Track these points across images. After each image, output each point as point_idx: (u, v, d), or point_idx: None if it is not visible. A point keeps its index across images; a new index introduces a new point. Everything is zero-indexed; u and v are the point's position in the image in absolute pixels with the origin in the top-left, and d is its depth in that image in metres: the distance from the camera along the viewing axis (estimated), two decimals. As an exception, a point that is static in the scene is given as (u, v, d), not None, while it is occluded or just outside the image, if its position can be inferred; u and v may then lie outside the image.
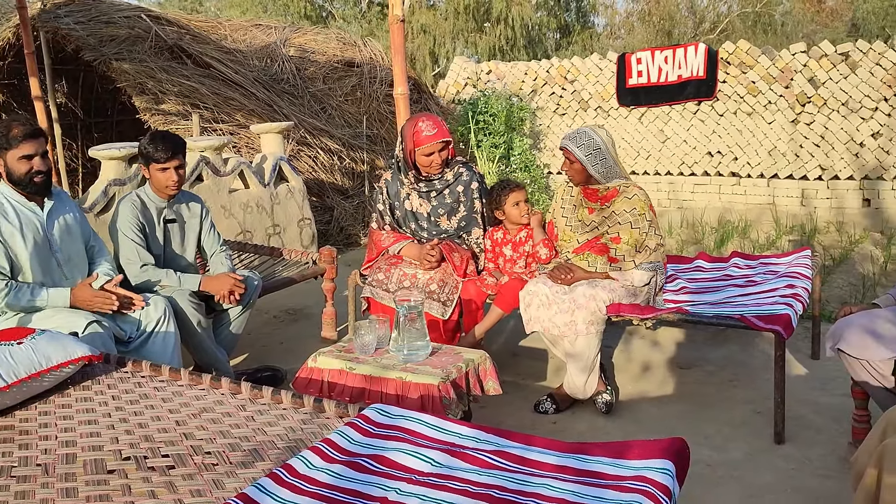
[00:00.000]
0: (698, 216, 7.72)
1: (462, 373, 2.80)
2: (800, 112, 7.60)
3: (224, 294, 3.52)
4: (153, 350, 3.25)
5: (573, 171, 3.41)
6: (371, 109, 8.12)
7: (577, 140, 3.36)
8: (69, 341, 2.58)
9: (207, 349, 3.55)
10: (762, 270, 3.81)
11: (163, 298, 3.32)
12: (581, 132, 3.39)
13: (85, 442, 2.17)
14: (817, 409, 3.34)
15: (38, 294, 3.07)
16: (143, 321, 3.24)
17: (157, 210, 3.56)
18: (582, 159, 3.34)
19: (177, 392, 2.53)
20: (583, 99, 8.86)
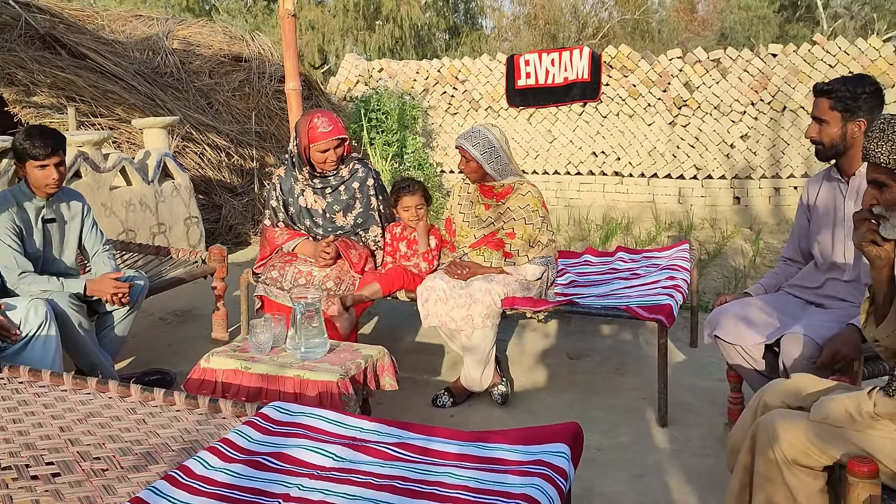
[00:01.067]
0: (584, 214, 8.01)
1: (361, 369, 2.80)
2: (676, 115, 8.02)
3: (109, 297, 3.37)
4: (33, 355, 3.07)
5: (469, 169, 3.48)
6: (260, 105, 7.95)
7: (473, 139, 3.44)
8: (-64, 348, 2.41)
9: (90, 352, 3.38)
10: (645, 264, 4.01)
11: (43, 301, 3.14)
12: (475, 131, 3.47)
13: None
14: (696, 394, 3.54)
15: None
16: (22, 325, 3.06)
17: (34, 210, 3.36)
18: (478, 157, 3.41)
19: (59, 397, 2.41)
20: (473, 99, 9.01)
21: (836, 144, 2.72)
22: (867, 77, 2.72)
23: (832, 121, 2.70)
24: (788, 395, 2.06)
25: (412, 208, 3.68)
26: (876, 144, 1.79)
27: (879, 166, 1.80)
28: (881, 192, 1.82)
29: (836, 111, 2.69)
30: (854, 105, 2.66)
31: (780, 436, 1.87)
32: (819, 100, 2.74)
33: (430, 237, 3.73)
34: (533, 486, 1.70)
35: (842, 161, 2.79)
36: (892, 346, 1.93)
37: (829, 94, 2.70)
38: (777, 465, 1.88)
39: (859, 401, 1.85)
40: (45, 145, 3.21)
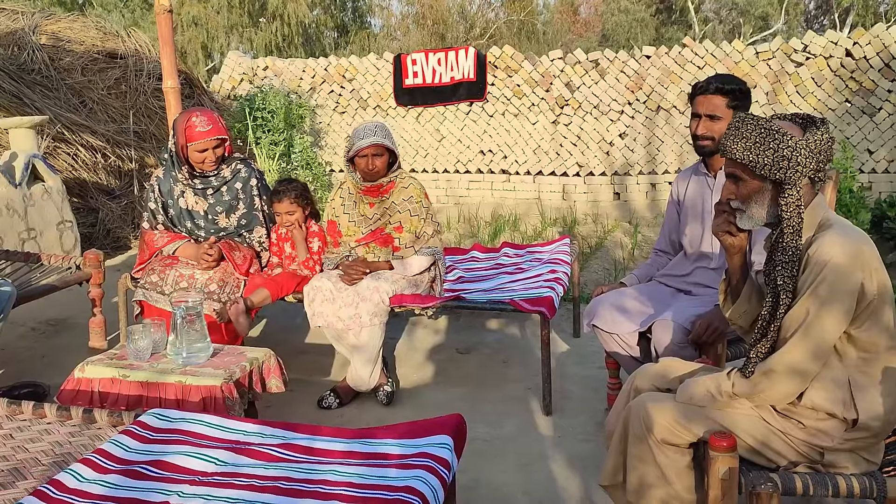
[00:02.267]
0: (474, 211, 8.14)
1: (246, 372, 2.75)
2: (559, 114, 8.28)
3: None
4: None
5: (380, 165, 3.40)
6: (138, 104, 7.63)
7: (380, 133, 3.39)
8: None
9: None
10: (529, 258, 4.13)
11: None
12: (377, 126, 3.42)
13: None
14: (579, 382, 3.69)
15: None
16: None
17: None
18: (392, 147, 3.40)
19: (-85, 416, 2.25)
20: (362, 98, 8.98)
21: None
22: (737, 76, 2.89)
23: (726, 117, 2.81)
24: (657, 378, 2.19)
25: (282, 214, 3.63)
26: (732, 141, 1.92)
27: (735, 161, 1.93)
28: (737, 187, 1.96)
29: (731, 109, 2.82)
30: (743, 103, 2.82)
31: (649, 417, 1.98)
32: (713, 97, 2.82)
33: (314, 241, 3.68)
34: (416, 477, 1.73)
35: (711, 157, 2.96)
36: (745, 325, 2.09)
37: (726, 92, 2.80)
38: (648, 445, 1.99)
39: (719, 381, 1.99)
40: None
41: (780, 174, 1.86)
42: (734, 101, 2.81)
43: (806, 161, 1.84)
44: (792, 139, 1.85)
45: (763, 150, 1.86)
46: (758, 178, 1.91)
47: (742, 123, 1.91)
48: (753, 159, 1.87)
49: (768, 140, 1.86)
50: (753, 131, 1.88)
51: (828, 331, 1.83)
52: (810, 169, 1.86)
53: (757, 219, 1.94)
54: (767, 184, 1.91)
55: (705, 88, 2.85)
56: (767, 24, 24.29)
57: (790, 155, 1.84)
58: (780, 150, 1.84)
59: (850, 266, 1.82)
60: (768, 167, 1.86)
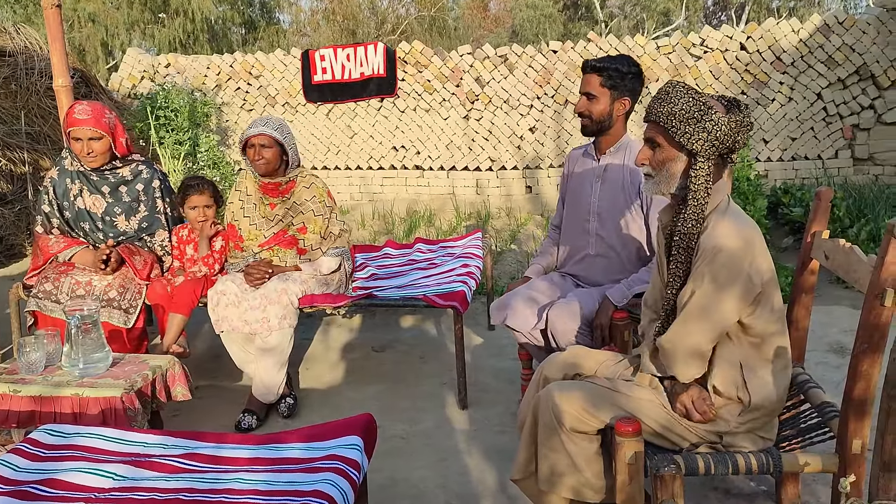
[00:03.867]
0: (388, 207, 8.10)
1: (148, 381, 2.65)
2: (470, 109, 8.32)
3: None
4: None
5: (268, 157, 3.32)
6: (31, 104, 7.23)
7: (271, 124, 3.32)
8: None
9: None
10: (442, 253, 4.13)
11: None
12: (269, 118, 3.35)
13: None
14: (494, 375, 3.71)
15: None
16: None
17: None
18: (283, 141, 3.31)
19: None
20: (270, 95, 8.79)
21: (602, 120, 2.90)
22: (631, 58, 2.93)
23: (601, 97, 2.86)
24: (565, 366, 2.22)
25: (200, 207, 3.53)
26: (659, 105, 1.95)
27: (657, 125, 1.97)
28: (654, 153, 2.00)
29: (606, 88, 2.86)
30: (622, 84, 2.86)
31: (558, 406, 2.00)
32: (590, 76, 2.87)
33: (218, 239, 3.58)
34: (324, 481, 1.70)
35: (600, 138, 3.00)
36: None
37: (600, 71, 2.84)
38: (557, 433, 2.01)
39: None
40: None
41: (697, 145, 1.90)
42: (609, 80, 2.84)
43: (724, 137, 1.90)
44: (716, 114, 1.91)
45: (687, 117, 1.90)
46: (675, 145, 1.96)
47: (672, 89, 1.95)
48: (675, 125, 1.91)
49: (693, 109, 1.91)
50: (682, 98, 1.92)
51: (725, 315, 1.89)
52: (725, 146, 1.92)
53: (664, 187, 1.99)
54: (683, 154, 1.96)
55: (584, 67, 2.90)
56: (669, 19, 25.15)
57: (711, 128, 1.89)
58: (703, 121, 1.90)
59: (743, 252, 1.88)
60: (688, 135, 1.91)
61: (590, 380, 2.11)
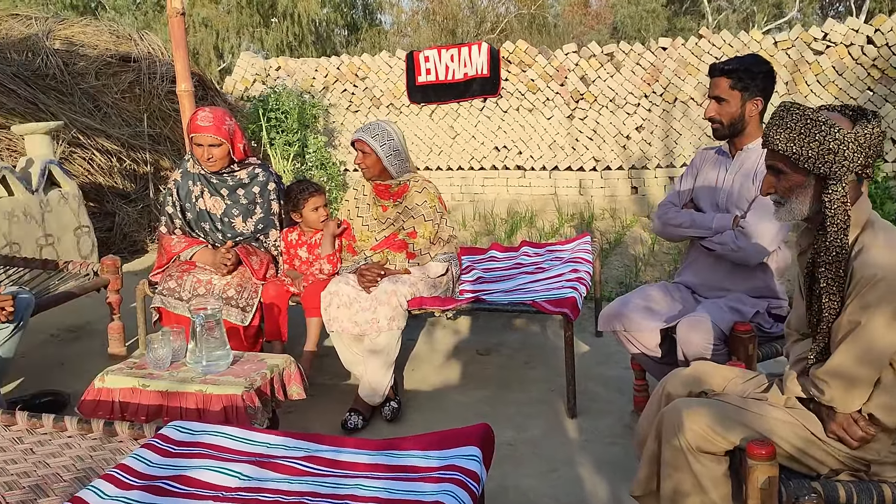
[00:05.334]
0: (489, 208, 8.08)
1: (266, 380, 2.71)
2: (574, 108, 8.20)
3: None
4: None
5: (367, 164, 3.39)
6: (152, 107, 7.62)
7: (372, 132, 3.38)
8: None
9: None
10: (549, 257, 4.07)
11: (-88, 325, 2.90)
12: (374, 124, 3.41)
13: None
14: (604, 383, 3.62)
15: None
16: None
17: None
18: (378, 150, 3.36)
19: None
20: (375, 96, 8.94)
21: (734, 123, 2.80)
22: (761, 57, 2.82)
23: (732, 99, 2.77)
24: (690, 382, 2.13)
25: (321, 208, 3.62)
26: (775, 132, 1.83)
27: (777, 153, 1.85)
28: (777, 179, 1.88)
29: (736, 90, 2.76)
30: (752, 84, 2.75)
31: (683, 424, 1.92)
32: (718, 79, 2.79)
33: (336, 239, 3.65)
34: (445, 492, 1.68)
35: (734, 139, 2.89)
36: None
37: (728, 73, 2.76)
38: (682, 452, 1.93)
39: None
40: None
41: (825, 168, 1.77)
42: (739, 82, 2.75)
43: (853, 156, 1.75)
44: (840, 131, 1.75)
45: (807, 141, 1.76)
46: (800, 171, 1.82)
47: (786, 113, 1.82)
48: (796, 151, 1.78)
49: (814, 131, 1.76)
50: (798, 121, 1.78)
51: (881, 338, 1.75)
52: (857, 164, 1.76)
53: (797, 213, 1.86)
54: (811, 178, 1.82)
55: (712, 70, 2.82)
56: (782, 11, 24.02)
57: (836, 148, 1.75)
58: (827, 142, 1.75)
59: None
60: (812, 160, 1.77)
61: (717, 397, 2.02)
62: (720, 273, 2.89)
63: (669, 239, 3.11)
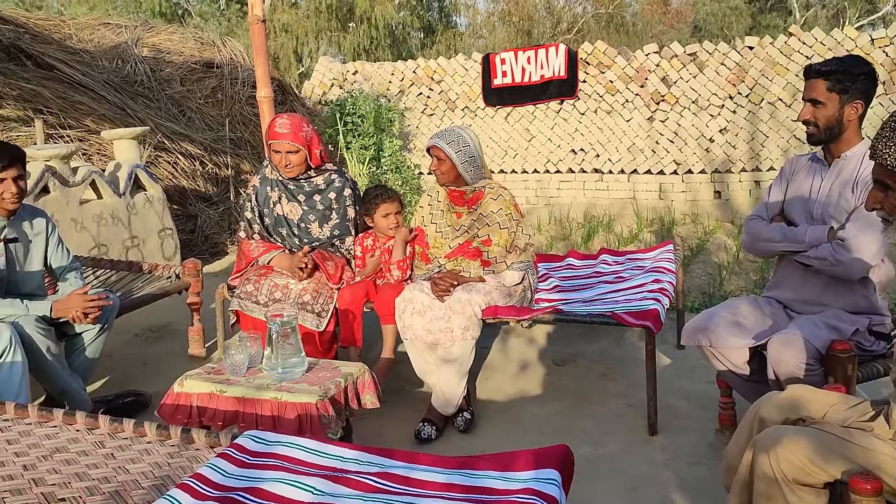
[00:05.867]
0: (565, 212, 7.94)
1: (340, 388, 2.70)
2: (655, 110, 7.97)
3: (78, 315, 3.24)
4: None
5: (442, 170, 3.35)
6: (234, 112, 7.80)
7: (447, 138, 3.34)
8: None
9: (60, 378, 3.26)
10: (629, 266, 3.94)
11: (7, 325, 3.01)
12: (450, 130, 3.37)
13: (-88, 499, 1.91)
14: (686, 398, 3.48)
15: None
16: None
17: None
18: (453, 157, 3.31)
19: (24, 432, 2.29)
20: (450, 99, 8.92)
21: (831, 127, 2.63)
22: (861, 58, 2.65)
23: (829, 102, 2.60)
24: (786, 408, 1.99)
25: (392, 215, 3.59)
26: (884, 144, 1.68)
27: (886, 168, 1.71)
28: (885, 195, 1.73)
29: (834, 93, 2.60)
30: (852, 87, 2.58)
31: (779, 454, 1.79)
32: (814, 81, 2.64)
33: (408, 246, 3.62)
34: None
35: (830, 145, 2.71)
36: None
37: (825, 75, 2.60)
38: (777, 483, 1.80)
39: None
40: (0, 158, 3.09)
41: None
42: (837, 84, 2.57)
43: None
44: None
45: None
46: None
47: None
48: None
49: None
50: None
51: None
52: None
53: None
54: None
55: (808, 72, 2.66)
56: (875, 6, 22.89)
57: None
58: None
59: None
60: None
61: (816, 425, 1.88)
62: (816, 288, 2.72)
63: (760, 255, 2.95)
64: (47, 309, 3.21)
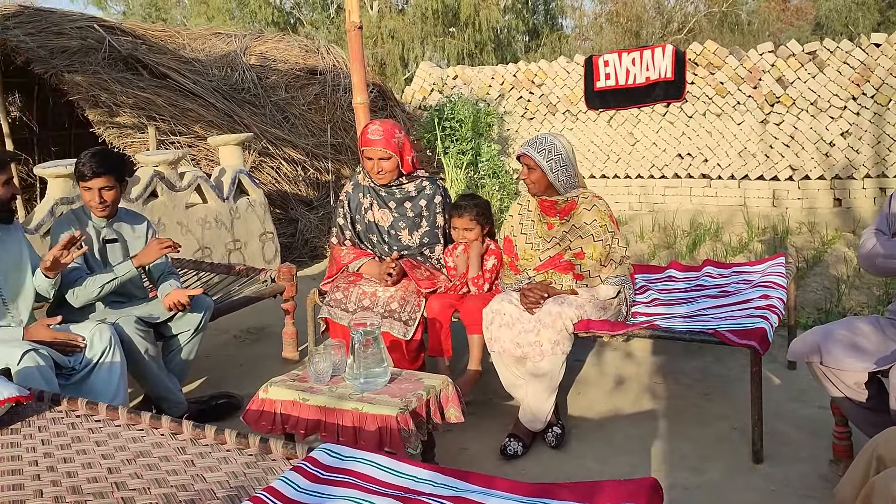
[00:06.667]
0: (670, 219, 7.63)
1: (422, 401, 2.63)
2: (769, 112, 7.55)
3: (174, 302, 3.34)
4: (98, 382, 3.06)
5: (532, 179, 3.23)
6: (335, 118, 7.94)
7: (538, 146, 3.21)
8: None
9: (157, 378, 3.36)
10: (735, 279, 3.69)
11: (108, 326, 3.12)
12: (542, 138, 3.24)
13: (6, 496, 1.97)
14: (796, 424, 3.21)
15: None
16: (87, 351, 3.05)
17: (94, 230, 3.36)
18: (543, 166, 3.18)
19: (113, 434, 2.34)
20: (551, 103, 8.75)
21: None
22: None
23: None
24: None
25: (459, 229, 3.52)
26: None
27: None
28: None
29: None
30: None
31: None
32: None
33: (490, 258, 3.51)
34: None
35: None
36: None
37: None
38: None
39: None
40: (90, 167, 3.21)
41: None
42: None
43: None
44: None
45: None
46: None
47: None
48: None
49: None
50: None
51: None
52: None
53: None
54: None
55: None
56: None
57: None
58: None
59: None
60: None
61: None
62: None
63: (880, 273, 2.67)
64: (130, 266, 3.30)
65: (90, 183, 3.23)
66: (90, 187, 3.24)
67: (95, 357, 3.05)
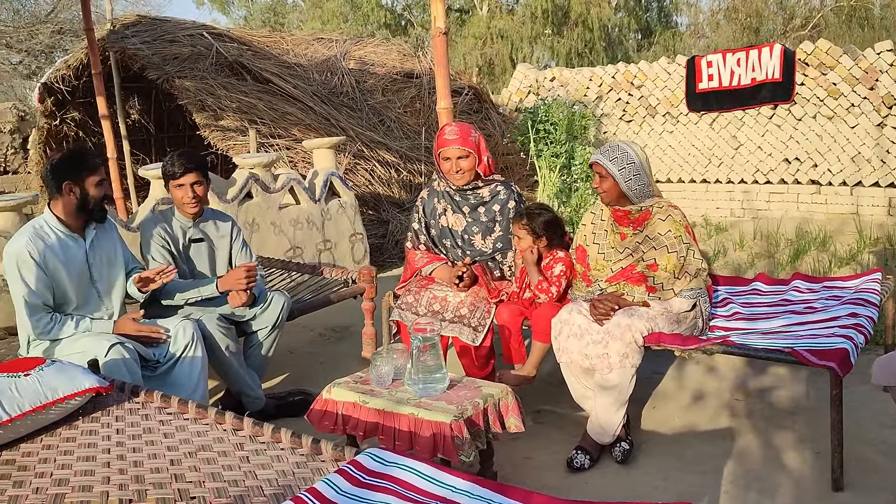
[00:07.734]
0: (774, 227, 7.27)
1: (479, 409, 2.63)
2: (886, 115, 7.07)
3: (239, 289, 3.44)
4: (180, 375, 3.23)
5: (605, 188, 3.16)
6: (430, 121, 8.03)
7: (610, 154, 3.14)
8: (78, 372, 2.55)
9: (237, 374, 3.51)
10: (825, 295, 3.48)
11: (191, 322, 3.29)
12: (614, 146, 3.17)
13: (77, 481, 2.12)
14: (885, 450, 3.01)
15: (81, 327, 3.10)
16: (171, 346, 3.23)
17: (181, 230, 3.54)
18: (616, 175, 3.11)
19: (181, 427, 2.47)
20: (650, 105, 8.53)
21: None
22: None
23: None
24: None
25: (515, 237, 3.49)
26: None
27: None
28: None
29: None
30: None
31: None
32: None
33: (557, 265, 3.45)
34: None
35: None
36: None
37: None
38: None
39: None
40: (180, 164, 3.39)
41: None
42: None
43: None
44: None
45: None
46: None
47: None
48: None
49: None
50: None
51: None
52: None
53: None
54: None
55: None
56: None
57: None
58: None
59: None
60: None
61: None
62: None
63: None
64: (214, 290, 3.45)
65: (182, 180, 3.42)
66: (182, 184, 3.43)
67: (178, 351, 3.22)
